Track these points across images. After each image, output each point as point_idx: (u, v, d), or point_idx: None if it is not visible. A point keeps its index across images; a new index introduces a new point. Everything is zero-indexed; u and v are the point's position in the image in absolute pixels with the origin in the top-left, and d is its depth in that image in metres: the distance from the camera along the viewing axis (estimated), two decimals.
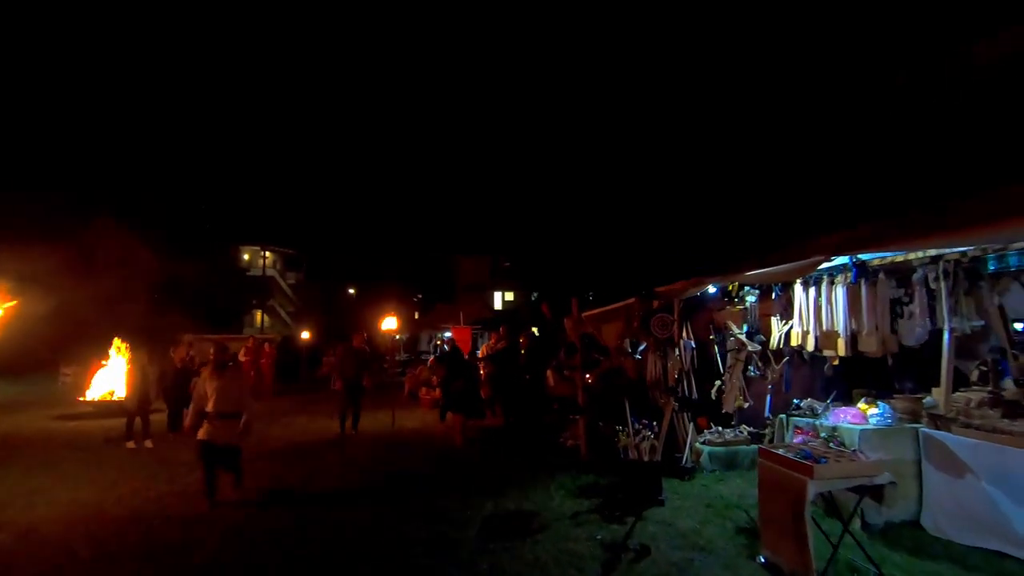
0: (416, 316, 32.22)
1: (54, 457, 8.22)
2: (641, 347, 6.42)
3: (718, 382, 6.39)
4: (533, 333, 9.69)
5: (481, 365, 10.52)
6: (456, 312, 19.85)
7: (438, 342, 20.56)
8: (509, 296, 40.68)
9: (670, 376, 6.11)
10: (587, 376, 7.88)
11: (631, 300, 9.00)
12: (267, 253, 45.23)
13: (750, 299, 6.01)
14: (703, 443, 6.43)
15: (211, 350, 6.09)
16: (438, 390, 12.34)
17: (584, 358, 6.93)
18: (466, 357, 9.82)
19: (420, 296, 39.34)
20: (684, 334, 6.32)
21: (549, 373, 7.49)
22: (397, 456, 8.17)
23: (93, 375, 13.18)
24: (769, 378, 5.72)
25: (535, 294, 38.88)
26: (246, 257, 45.06)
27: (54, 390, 17.44)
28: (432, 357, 14.86)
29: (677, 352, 6.15)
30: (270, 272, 45.18)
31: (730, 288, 5.85)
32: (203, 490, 5.68)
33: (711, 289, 6.17)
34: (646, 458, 5.32)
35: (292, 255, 46.94)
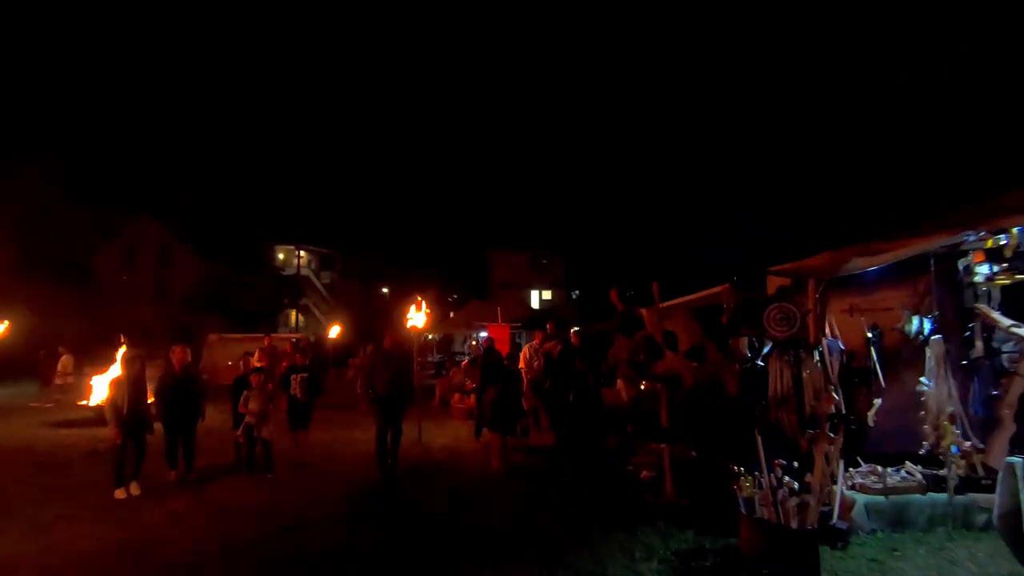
0: (451, 315, 30.61)
1: (15, 476, 6.84)
2: (766, 349, 4.49)
3: (877, 401, 4.39)
4: (585, 331, 7.80)
5: (525, 371, 8.68)
6: (492, 309, 18.08)
7: (473, 342, 18.74)
8: (547, 295, 38.75)
9: (809, 393, 4.13)
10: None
11: (716, 289, 7.04)
12: (302, 253, 44.83)
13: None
14: (852, 488, 4.43)
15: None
16: (472, 397, 10.62)
17: (670, 363, 5.04)
18: (505, 360, 8.01)
19: (455, 296, 37.87)
20: (828, 331, 4.35)
21: (620, 383, 5.64)
22: (416, 488, 6.39)
23: (90, 379, 11.92)
24: None
25: (575, 292, 36.92)
26: (281, 257, 44.84)
27: (72, 393, 16.54)
28: (466, 359, 13.08)
29: (816, 358, 4.18)
30: (304, 272, 44.72)
31: (988, 245, 3.70)
32: None
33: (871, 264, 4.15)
34: (793, 523, 3.39)
35: (327, 255, 46.43)
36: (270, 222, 41.57)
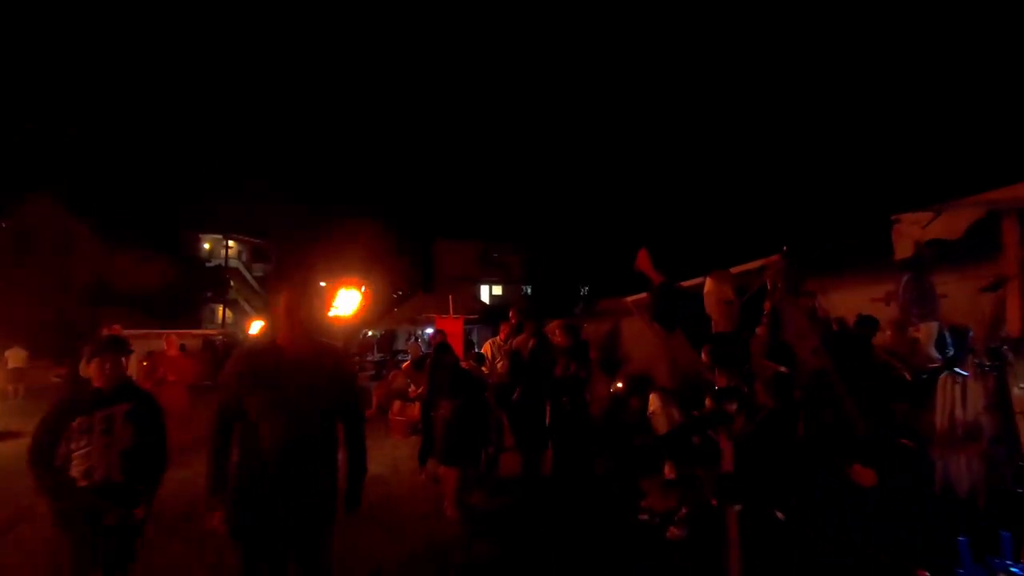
0: (395, 310, 27.96)
1: None
2: (948, 349, 2.60)
3: None
4: (574, 324, 5.81)
5: (487, 374, 6.56)
6: (439, 302, 15.85)
7: (411, 340, 16.06)
8: (497, 290, 36.68)
9: None
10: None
11: (755, 264, 5.16)
12: (231, 243, 40.78)
13: None
14: None
15: None
16: (417, 404, 8.44)
17: (759, 371, 3.07)
18: (464, 361, 5.87)
19: (400, 292, 35.19)
20: None
21: (654, 400, 3.67)
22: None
23: None
24: None
25: (527, 287, 35.12)
26: (207, 247, 40.66)
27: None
28: (407, 362, 10.79)
29: None
30: (233, 263, 40.70)
31: None
32: None
33: None
34: None
35: (259, 245, 42.43)
36: (194, 208, 37.39)
